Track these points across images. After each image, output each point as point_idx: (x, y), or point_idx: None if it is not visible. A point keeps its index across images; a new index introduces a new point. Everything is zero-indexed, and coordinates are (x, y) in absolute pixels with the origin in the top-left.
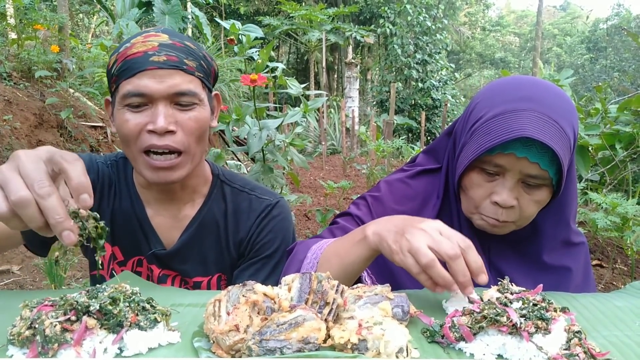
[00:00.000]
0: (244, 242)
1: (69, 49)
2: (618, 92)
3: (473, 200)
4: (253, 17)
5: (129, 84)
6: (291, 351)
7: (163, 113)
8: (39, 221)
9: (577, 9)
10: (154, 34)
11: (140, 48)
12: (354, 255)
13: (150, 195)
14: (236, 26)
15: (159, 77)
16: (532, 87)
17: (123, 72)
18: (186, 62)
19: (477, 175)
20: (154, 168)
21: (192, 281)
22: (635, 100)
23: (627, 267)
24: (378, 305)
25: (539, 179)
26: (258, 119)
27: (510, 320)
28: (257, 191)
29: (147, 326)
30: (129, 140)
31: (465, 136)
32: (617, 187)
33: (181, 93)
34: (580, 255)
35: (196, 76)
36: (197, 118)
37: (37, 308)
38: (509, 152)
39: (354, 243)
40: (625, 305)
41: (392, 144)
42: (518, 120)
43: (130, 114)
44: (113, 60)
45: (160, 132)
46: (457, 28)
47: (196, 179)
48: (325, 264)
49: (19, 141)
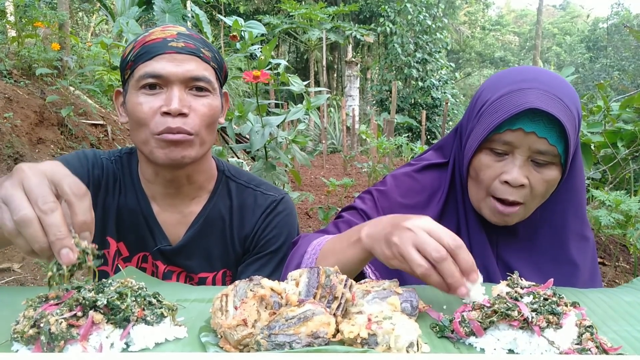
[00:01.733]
0: (249, 237)
1: (69, 46)
2: (618, 91)
3: (483, 182)
4: (253, 16)
5: (147, 66)
6: (300, 346)
7: (177, 96)
8: (42, 241)
9: (576, 8)
10: (173, 26)
11: (159, 35)
12: (349, 255)
13: (155, 191)
14: (239, 22)
15: (177, 61)
16: (536, 71)
17: (141, 56)
18: (203, 50)
19: (486, 157)
20: (166, 143)
21: (197, 277)
22: (637, 98)
23: (630, 265)
24: (387, 300)
25: (548, 156)
26: (260, 116)
27: (522, 315)
28: (262, 187)
29: (154, 321)
30: (142, 124)
31: (472, 122)
32: (618, 185)
33: (197, 78)
34: (588, 250)
35: (211, 65)
36: (210, 105)
37: (41, 307)
38: (517, 127)
39: (349, 243)
40: (634, 300)
41: (394, 142)
42: (524, 96)
43: (145, 97)
44: (129, 48)
45: (174, 113)
46: (457, 27)
47: (202, 174)
48: (323, 260)
49: (20, 139)
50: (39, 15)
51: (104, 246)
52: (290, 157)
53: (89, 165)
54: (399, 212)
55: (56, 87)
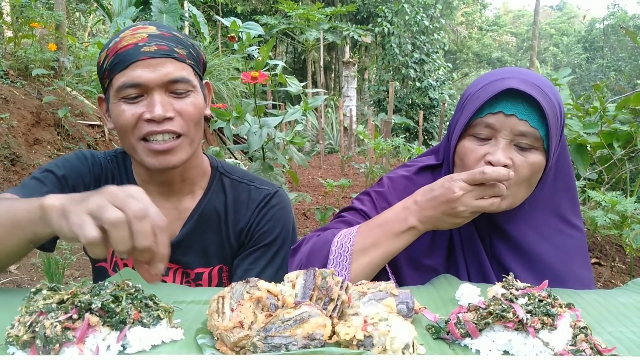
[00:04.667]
0: (244, 231)
1: (66, 47)
2: (614, 92)
3: (468, 167)
4: (250, 16)
5: (123, 76)
6: (297, 347)
7: (159, 101)
8: (128, 244)
9: (573, 9)
10: (142, 27)
11: (130, 41)
12: (398, 245)
13: (150, 189)
14: (237, 23)
15: (152, 66)
16: (518, 68)
17: (115, 65)
18: (176, 50)
19: (470, 142)
20: (154, 152)
21: (194, 273)
22: (633, 99)
23: (626, 265)
24: (383, 302)
25: (530, 138)
26: (258, 117)
27: (517, 316)
28: (256, 182)
29: (150, 323)
30: (127, 131)
31: (457, 115)
32: (614, 186)
33: (175, 80)
34: (580, 249)
35: (187, 64)
36: (193, 104)
37: (37, 313)
38: (497, 110)
39: (396, 234)
40: (628, 302)
41: (391, 143)
42: (503, 82)
43: (127, 105)
44: (103, 56)
45: (158, 119)
46: (454, 28)
47: (195, 171)
48: (361, 254)
49: (16, 140)
50: (36, 16)
51: None
52: (288, 158)
53: (89, 165)
54: None
55: (53, 87)
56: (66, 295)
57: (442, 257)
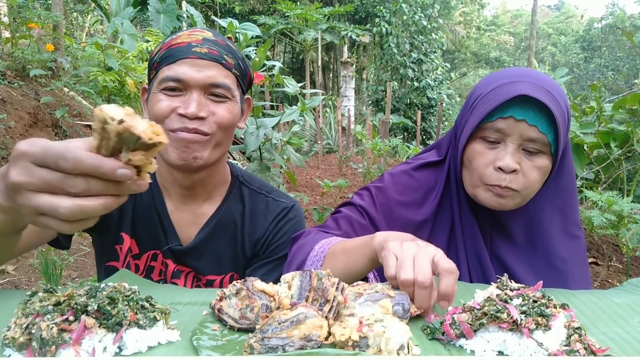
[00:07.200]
0: (259, 242)
1: (63, 47)
2: (612, 91)
3: (477, 170)
4: (248, 16)
5: (169, 69)
6: (293, 349)
7: (196, 100)
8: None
9: (571, 9)
10: (200, 30)
11: (184, 39)
12: (358, 256)
13: (170, 189)
14: (233, 24)
15: (198, 66)
16: (528, 70)
17: (165, 58)
18: (226, 57)
19: (479, 145)
20: (179, 142)
21: (205, 279)
22: (630, 99)
23: (622, 265)
24: (378, 303)
25: (538, 144)
26: (255, 118)
27: (511, 317)
28: (274, 194)
29: (147, 325)
30: (159, 120)
31: (466, 115)
32: (611, 186)
33: (216, 85)
34: (579, 249)
35: (233, 73)
36: (229, 109)
37: (33, 316)
38: (508, 115)
39: (361, 244)
40: (623, 302)
41: (388, 143)
42: (515, 86)
43: (165, 96)
44: (157, 49)
45: (190, 117)
46: (452, 27)
47: (217, 177)
48: (332, 258)
49: (14, 140)
50: (33, 16)
51: (118, 242)
52: (285, 159)
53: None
54: (396, 209)
55: (50, 88)
56: (62, 297)
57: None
